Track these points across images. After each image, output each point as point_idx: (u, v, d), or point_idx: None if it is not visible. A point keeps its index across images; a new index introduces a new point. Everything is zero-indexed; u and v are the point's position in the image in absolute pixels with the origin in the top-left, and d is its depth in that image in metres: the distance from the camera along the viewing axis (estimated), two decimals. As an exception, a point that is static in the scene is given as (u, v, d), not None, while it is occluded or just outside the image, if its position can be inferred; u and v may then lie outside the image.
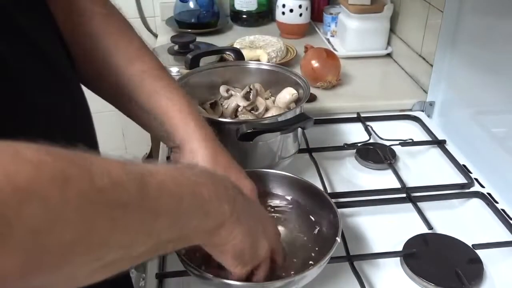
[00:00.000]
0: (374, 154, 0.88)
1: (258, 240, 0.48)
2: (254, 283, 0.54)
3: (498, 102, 0.81)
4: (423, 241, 0.68)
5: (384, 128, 0.95)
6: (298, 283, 0.54)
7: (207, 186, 0.39)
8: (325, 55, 1.07)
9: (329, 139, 0.94)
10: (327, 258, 0.54)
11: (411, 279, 0.64)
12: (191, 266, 0.53)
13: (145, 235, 0.32)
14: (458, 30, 0.90)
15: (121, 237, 0.30)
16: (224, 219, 0.41)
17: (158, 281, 0.62)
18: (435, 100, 1.01)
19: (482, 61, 0.85)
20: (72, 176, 0.27)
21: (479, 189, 0.80)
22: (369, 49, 1.24)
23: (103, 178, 0.28)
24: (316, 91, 1.05)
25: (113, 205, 0.29)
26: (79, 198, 0.27)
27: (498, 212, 0.74)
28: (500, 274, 0.65)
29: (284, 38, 1.32)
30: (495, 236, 0.71)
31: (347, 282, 0.62)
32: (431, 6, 1.04)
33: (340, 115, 1.00)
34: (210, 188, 0.39)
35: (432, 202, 0.77)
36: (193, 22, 1.43)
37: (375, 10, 1.20)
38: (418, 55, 1.13)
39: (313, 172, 0.82)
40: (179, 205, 0.35)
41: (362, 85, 1.11)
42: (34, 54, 0.42)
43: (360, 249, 0.68)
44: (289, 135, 0.75)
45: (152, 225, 0.33)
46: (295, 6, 1.33)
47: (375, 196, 0.77)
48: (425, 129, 0.96)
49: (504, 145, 0.79)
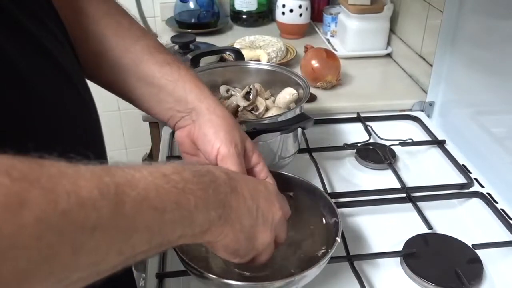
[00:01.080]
0: (374, 154, 0.88)
1: (255, 234, 0.46)
2: (254, 283, 0.55)
3: (498, 102, 0.81)
4: (423, 241, 0.68)
5: (384, 128, 0.96)
6: (298, 283, 0.54)
7: (194, 193, 0.37)
8: (325, 55, 1.07)
9: (329, 139, 0.94)
10: (327, 258, 0.54)
11: (411, 279, 0.64)
12: (191, 266, 0.53)
13: (117, 253, 0.30)
14: (458, 30, 0.90)
15: (87, 259, 0.28)
16: (210, 225, 0.40)
17: (158, 281, 0.62)
18: (435, 100, 1.01)
19: (482, 61, 0.85)
20: (30, 199, 0.25)
21: (479, 189, 0.80)
22: (369, 49, 1.24)
23: (69, 199, 0.26)
24: (316, 91, 1.05)
25: (78, 229, 0.27)
26: (37, 223, 0.25)
27: (497, 212, 0.74)
28: (500, 274, 0.65)
29: (284, 38, 1.32)
30: (494, 236, 0.71)
31: (347, 282, 0.62)
32: (431, 6, 1.04)
33: (340, 115, 1.00)
34: (198, 194, 0.37)
35: (432, 202, 0.77)
36: (193, 22, 1.43)
37: (375, 10, 1.21)
38: (418, 55, 1.13)
39: (313, 172, 0.82)
40: (161, 218, 0.33)
41: (362, 85, 1.11)
42: (42, 55, 0.42)
43: (360, 249, 0.68)
44: (289, 135, 0.75)
45: (126, 243, 0.31)
46: (295, 6, 1.33)
47: (375, 196, 0.77)
48: (425, 129, 0.96)
49: (504, 145, 0.79)
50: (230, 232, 0.42)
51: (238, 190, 0.44)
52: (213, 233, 0.41)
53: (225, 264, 0.58)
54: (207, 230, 0.40)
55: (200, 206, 0.37)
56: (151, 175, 0.34)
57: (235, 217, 0.43)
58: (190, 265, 0.53)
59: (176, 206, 0.35)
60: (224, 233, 0.42)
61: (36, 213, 0.25)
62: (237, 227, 0.43)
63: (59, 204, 0.26)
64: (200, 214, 0.38)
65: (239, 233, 0.43)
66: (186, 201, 0.36)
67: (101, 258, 0.29)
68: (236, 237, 0.43)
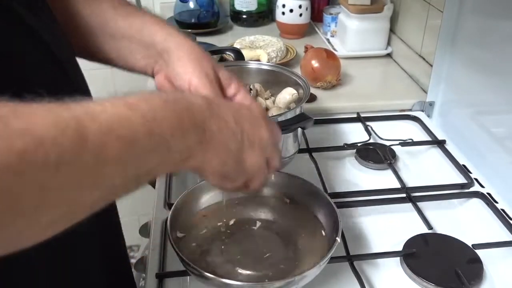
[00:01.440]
0: (374, 154, 0.88)
1: (243, 158, 0.45)
2: (254, 283, 0.55)
3: (498, 102, 0.81)
4: (423, 241, 0.68)
5: (384, 128, 0.96)
6: (298, 283, 0.54)
7: (168, 120, 0.36)
8: (325, 55, 1.07)
9: (329, 139, 0.94)
10: (327, 258, 0.54)
11: (411, 279, 0.64)
12: (191, 266, 0.53)
13: (91, 187, 0.30)
14: (458, 30, 0.90)
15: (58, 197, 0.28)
16: (191, 151, 0.39)
17: (158, 281, 0.62)
18: (435, 100, 1.01)
19: (482, 61, 0.85)
20: None
21: (479, 189, 0.80)
22: (369, 49, 1.24)
23: (24, 137, 0.25)
24: (316, 91, 1.05)
25: (40, 168, 0.26)
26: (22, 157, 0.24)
27: (498, 212, 0.74)
28: (500, 274, 0.65)
29: (284, 38, 1.32)
30: (495, 236, 0.71)
31: (347, 282, 0.62)
32: (431, 6, 1.04)
33: (340, 115, 1.00)
34: (173, 121, 0.36)
35: (432, 202, 0.77)
36: (193, 22, 1.43)
37: (375, 10, 1.20)
38: (418, 55, 1.13)
39: (313, 172, 0.82)
40: (132, 149, 0.32)
41: (362, 85, 1.11)
42: (41, 51, 0.42)
43: (360, 249, 0.68)
44: (289, 135, 0.75)
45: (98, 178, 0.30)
46: (295, 6, 1.33)
47: (375, 196, 0.77)
48: (425, 129, 0.96)
49: (504, 145, 0.79)
50: (215, 156, 0.42)
51: (220, 114, 0.43)
52: (196, 158, 0.40)
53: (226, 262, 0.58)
54: (189, 157, 0.39)
55: (176, 133, 0.37)
56: (114, 106, 0.33)
57: (218, 141, 0.42)
58: (190, 265, 0.53)
59: (148, 136, 0.34)
60: (208, 158, 0.41)
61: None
62: (221, 151, 0.42)
63: (15, 144, 0.25)
64: (177, 141, 0.37)
65: (225, 157, 0.43)
66: (159, 129, 0.35)
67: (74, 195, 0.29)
68: (222, 161, 0.43)
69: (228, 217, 0.66)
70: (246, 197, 0.67)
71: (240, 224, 0.66)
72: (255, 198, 0.68)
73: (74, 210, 0.30)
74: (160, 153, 0.35)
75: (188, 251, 0.59)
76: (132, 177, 0.34)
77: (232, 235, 0.64)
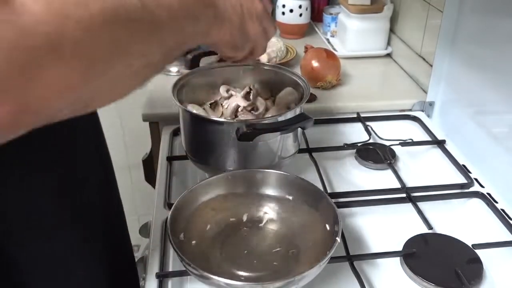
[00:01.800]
0: (374, 154, 0.88)
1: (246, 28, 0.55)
2: (254, 283, 0.55)
3: (498, 102, 0.81)
4: (423, 241, 0.68)
5: (384, 128, 0.96)
6: (298, 283, 0.54)
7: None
8: (325, 55, 1.07)
9: (329, 139, 0.94)
10: (327, 258, 0.55)
11: (411, 279, 0.64)
12: (191, 266, 0.53)
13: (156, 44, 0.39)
14: (458, 30, 0.90)
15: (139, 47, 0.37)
16: (210, 24, 0.49)
17: (158, 281, 0.62)
18: (435, 100, 1.01)
19: (482, 61, 0.85)
20: None
21: (479, 189, 0.80)
22: (369, 49, 1.24)
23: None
24: (316, 91, 1.05)
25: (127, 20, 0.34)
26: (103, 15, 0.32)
27: (498, 212, 0.74)
28: (500, 274, 0.65)
29: (284, 38, 1.32)
30: (495, 236, 0.71)
31: (347, 282, 0.62)
32: (431, 6, 1.04)
33: (340, 115, 1.00)
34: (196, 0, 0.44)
35: (432, 202, 0.77)
36: (193, 22, 1.43)
37: (375, 10, 1.21)
38: (418, 55, 1.13)
39: (313, 172, 0.82)
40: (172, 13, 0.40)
41: (362, 85, 1.11)
42: None
43: (360, 249, 0.68)
44: (289, 135, 0.75)
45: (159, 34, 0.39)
46: (295, 6, 1.33)
47: (375, 196, 0.77)
48: (425, 129, 0.96)
49: (504, 145, 0.79)
50: (227, 30, 0.52)
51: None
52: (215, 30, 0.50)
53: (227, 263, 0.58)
54: (210, 28, 0.49)
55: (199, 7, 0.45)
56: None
57: (226, 15, 0.51)
58: (190, 265, 0.53)
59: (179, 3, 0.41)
60: (223, 31, 0.51)
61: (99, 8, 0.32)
62: (230, 25, 0.52)
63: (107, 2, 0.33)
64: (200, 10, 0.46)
65: (233, 30, 0.53)
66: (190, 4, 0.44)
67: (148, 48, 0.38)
68: (232, 34, 0.53)
69: (228, 217, 0.66)
70: (246, 194, 0.67)
71: (240, 224, 0.66)
72: (255, 198, 0.68)
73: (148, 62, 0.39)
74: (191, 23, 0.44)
75: (188, 251, 0.59)
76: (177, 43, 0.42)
77: (232, 235, 0.64)
